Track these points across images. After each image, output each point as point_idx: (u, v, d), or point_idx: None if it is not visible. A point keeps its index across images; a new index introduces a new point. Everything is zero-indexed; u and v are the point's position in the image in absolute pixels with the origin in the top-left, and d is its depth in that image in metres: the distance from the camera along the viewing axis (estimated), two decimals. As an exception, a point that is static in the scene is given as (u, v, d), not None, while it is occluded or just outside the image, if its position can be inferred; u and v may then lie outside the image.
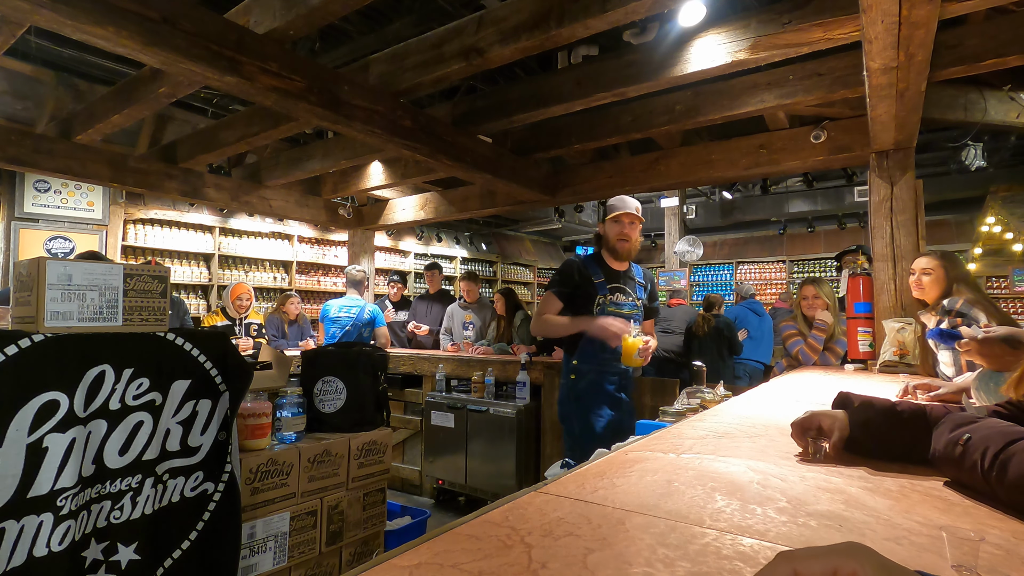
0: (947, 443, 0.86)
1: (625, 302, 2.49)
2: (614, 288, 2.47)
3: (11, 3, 1.90)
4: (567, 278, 2.48)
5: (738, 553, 0.61)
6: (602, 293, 2.43)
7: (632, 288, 2.54)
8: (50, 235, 5.30)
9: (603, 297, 2.43)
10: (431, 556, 0.60)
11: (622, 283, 2.51)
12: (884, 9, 1.70)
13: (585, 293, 2.43)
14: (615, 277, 2.51)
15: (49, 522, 1.26)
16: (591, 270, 2.48)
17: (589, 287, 2.44)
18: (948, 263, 2.37)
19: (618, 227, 2.48)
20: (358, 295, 4.76)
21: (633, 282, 2.57)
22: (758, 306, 5.46)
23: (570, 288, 2.45)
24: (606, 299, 2.43)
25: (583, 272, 2.48)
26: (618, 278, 2.51)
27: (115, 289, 1.46)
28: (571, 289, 2.45)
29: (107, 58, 4.34)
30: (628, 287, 2.52)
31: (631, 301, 2.51)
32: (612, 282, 2.48)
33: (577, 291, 2.44)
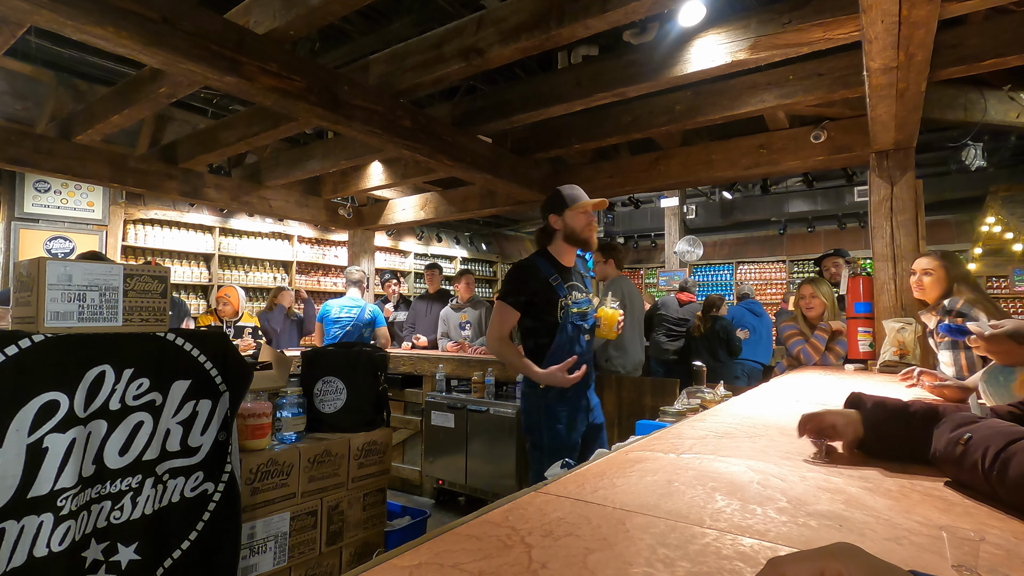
0: (948, 442, 0.86)
1: (582, 299, 2.33)
2: (571, 287, 2.30)
3: (11, 3, 1.90)
4: (522, 285, 2.26)
5: (738, 553, 0.61)
6: (563, 295, 2.24)
7: (583, 282, 2.39)
8: (50, 235, 5.30)
9: (564, 299, 2.24)
10: (431, 556, 0.60)
11: (575, 279, 2.34)
12: (884, 9, 1.70)
13: (546, 299, 2.23)
14: (568, 275, 2.32)
15: (49, 522, 1.26)
16: (546, 271, 2.27)
17: (549, 291, 2.24)
18: (949, 263, 2.37)
19: (585, 217, 2.30)
20: (359, 295, 4.76)
21: (582, 276, 2.41)
22: (757, 306, 5.46)
23: (527, 296, 2.24)
24: (568, 300, 2.25)
25: (538, 275, 2.26)
26: (571, 275, 2.33)
27: (115, 289, 1.46)
28: (528, 296, 2.24)
29: (107, 58, 4.34)
30: (579, 282, 2.37)
31: (585, 297, 2.35)
32: (567, 280, 2.30)
33: (536, 297, 2.24)
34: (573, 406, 2.28)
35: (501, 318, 2.27)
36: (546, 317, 2.24)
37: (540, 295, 2.23)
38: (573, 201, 2.28)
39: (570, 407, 2.27)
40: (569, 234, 2.30)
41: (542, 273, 2.26)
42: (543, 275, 2.25)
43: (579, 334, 2.28)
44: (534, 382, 2.27)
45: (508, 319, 2.26)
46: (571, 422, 2.27)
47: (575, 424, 2.28)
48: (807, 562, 0.37)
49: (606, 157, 4.80)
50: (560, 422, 2.26)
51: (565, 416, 2.26)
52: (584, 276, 2.45)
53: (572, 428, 2.27)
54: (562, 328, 2.23)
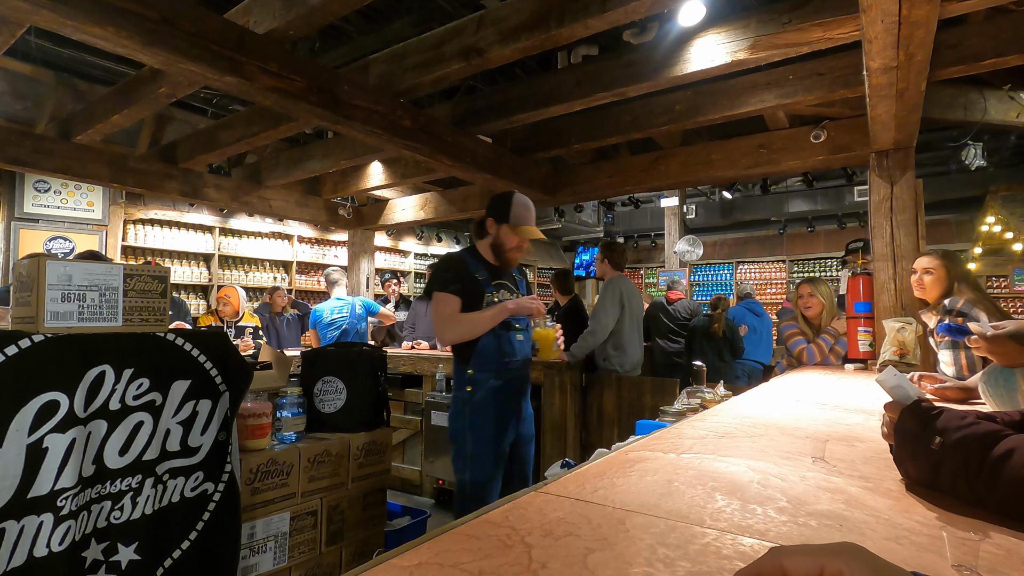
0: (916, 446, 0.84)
1: (508, 298, 2.23)
2: (499, 285, 2.21)
3: (11, 3, 1.90)
4: (458, 275, 2.17)
5: (738, 553, 0.61)
6: (488, 291, 2.16)
7: (514, 284, 2.31)
8: (50, 235, 5.30)
9: (490, 295, 2.16)
10: (431, 556, 0.60)
11: (504, 279, 2.26)
12: (884, 9, 1.70)
13: (473, 294, 2.15)
14: (497, 273, 2.24)
15: (49, 522, 1.26)
16: (473, 267, 2.19)
17: (475, 286, 2.16)
18: (950, 262, 2.37)
19: (518, 240, 2.22)
20: (344, 293, 4.75)
21: (513, 278, 2.33)
22: (757, 306, 5.46)
23: (462, 284, 2.15)
24: (494, 297, 2.17)
25: (465, 269, 2.19)
26: (500, 274, 2.25)
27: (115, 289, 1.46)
28: (463, 285, 2.15)
29: (107, 58, 4.34)
30: (511, 283, 2.29)
31: (515, 297, 2.26)
32: (496, 278, 2.22)
33: (465, 288, 2.16)
34: (503, 412, 2.14)
35: (444, 307, 2.13)
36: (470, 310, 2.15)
37: (468, 287, 2.14)
38: (516, 222, 2.19)
39: (499, 412, 2.13)
40: (496, 245, 2.22)
41: (469, 268, 2.18)
42: (471, 269, 2.18)
43: (509, 333, 2.16)
44: (461, 384, 2.15)
45: (452, 306, 2.13)
46: (500, 429, 2.13)
47: (504, 432, 2.14)
48: (809, 556, 0.37)
49: (606, 157, 4.79)
50: (487, 428, 2.11)
51: (493, 421, 2.12)
52: (516, 278, 2.36)
53: (501, 436, 2.12)
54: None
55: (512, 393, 2.17)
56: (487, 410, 2.11)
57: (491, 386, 2.12)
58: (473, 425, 2.11)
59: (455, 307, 2.13)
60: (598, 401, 3.92)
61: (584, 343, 3.75)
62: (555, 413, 3.77)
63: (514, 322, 2.18)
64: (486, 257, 2.25)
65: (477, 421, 2.11)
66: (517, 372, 2.20)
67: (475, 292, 2.14)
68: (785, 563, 0.37)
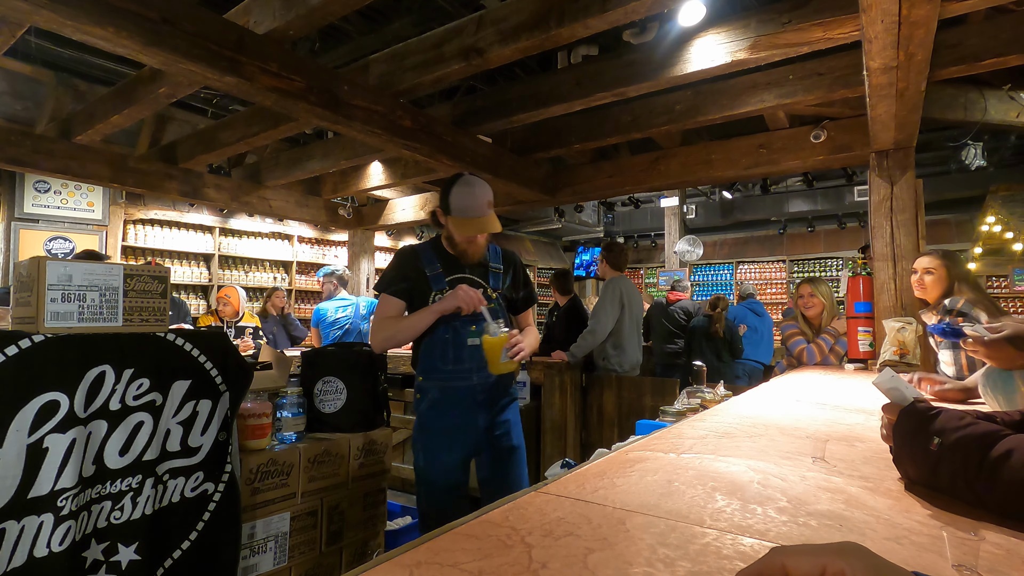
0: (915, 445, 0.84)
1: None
2: (457, 280, 1.89)
3: (11, 3, 1.90)
4: (402, 273, 1.91)
5: (738, 553, 0.61)
6: (438, 287, 1.88)
7: (485, 277, 1.96)
8: (50, 235, 5.30)
9: (438, 293, 1.87)
10: (431, 556, 0.60)
11: (470, 273, 1.93)
12: (884, 8, 1.70)
13: (419, 291, 1.89)
14: (458, 266, 1.92)
15: (49, 522, 1.26)
16: (425, 260, 1.91)
17: (422, 283, 1.88)
18: (950, 262, 2.37)
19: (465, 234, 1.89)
20: (346, 293, 4.75)
21: (486, 270, 1.97)
22: (759, 306, 5.46)
23: (407, 284, 1.90)
24: (443, 293, 1.86)
25: (415, 263, 1.91)
26: (462, 267, 1.93)
27: (115, 289, 1.46)
28: (409, 285, 1.90)
29: (107, 58, 4.34)
30: (479, 276, 1.94)
31: (482, 294, 1.88)
32: (454, 272, 1.91)
33: (412, 287, 1.90)
34: (451, 425, 1.86)
35: (380, 310, 1.93)
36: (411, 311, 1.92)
37: (415, 286, 1.89)
38: (459, 213, 1.85)
39: (445, 425, 1.86)
40: (448, 237, 1.93)
41: (421, 262, 1.91)
42: (421, 264, 1.91)
43: (460, 336, 1.84)
44: (415, 392, 1.95)
45: (387, 309, 1.90)
46: (448, 444, 1.85)
47: (453, 443, 1.86)
48: (810, 556, 0.37)
49: (606, 157, 4.79)
50: (433, 443, 1.86)
51: (439, 435, 1.85)
52: (492, 270, 1.98)
53: (449, 448, 1.85)
54: (431, 327, 1.85)
55: (466, 405, 1.86)
56: (433, 422, 1.87)
57: (435, 397, 1.87)
58: (421, 439, 1.89)
59: (392, 310, 1.90)
60: (598, 401, 3.92)
61: (584, 343, 3.75)
62: (555, 413, 3.77)
63: (469, 323, 1.84)
64: (447, 247, 1.94)
65: (424, 434, 1.88)
66: (471, 381, 1.86)
67: (421, 291, 1.89)
68: (787, 563, 0.37)
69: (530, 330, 2.05)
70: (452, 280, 1.88)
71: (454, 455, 1.86)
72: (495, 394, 1.91)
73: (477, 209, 1.84)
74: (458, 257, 1.92)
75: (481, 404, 1.88)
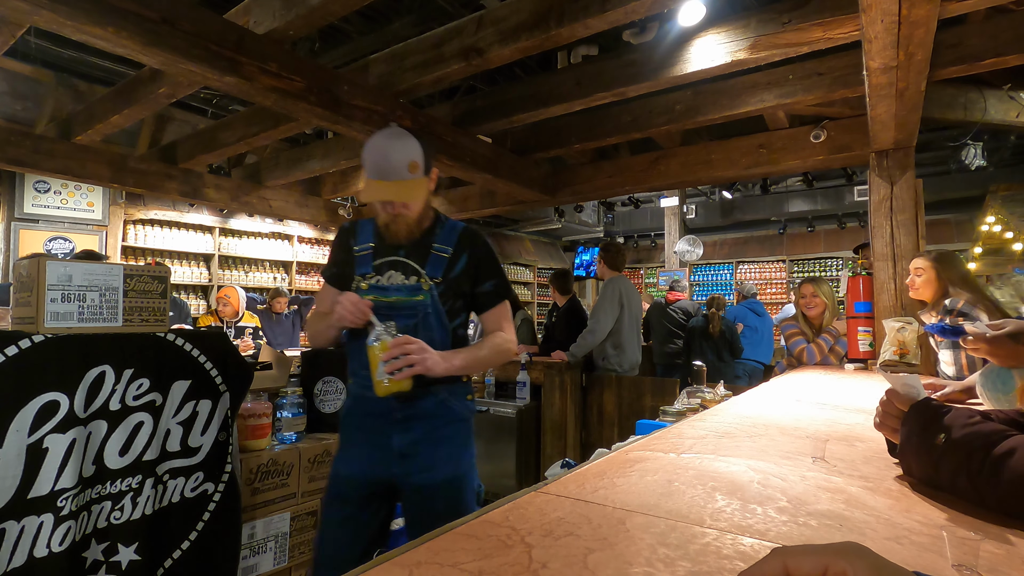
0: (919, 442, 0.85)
1: (397, 284, 1.49)
2: (387, 264, 1.50)
3: (11, 3, 1.90)
4: (334, 253, 1.62)
5: (738, 553, 0.61)
6: (362, 271, 1.51)
7: (422, 261, 1.50)
8: (50, 236, 5.30)
9: (361, 277, 1.51)
10: (431, 556, 0.60)
11: (405, 255, 1.51)
12: (884, 8, 1.70)
13: (346, 276, 1.56)
14: (391, 247, 1.52)
15: (49, 523, 1.26)
16: (361, 237, 1.56)
17: (348, 264, 1.55)
18: (940, 264, 2.36)
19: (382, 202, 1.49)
20: None
21: (426, 252, 1.51)
22: (759, 306, 5.46)
23: (338, 268, 1.59)
24: (366, 280, 1.50)
25: (347, 242, 1.58)
26: (396, 249, 1.51)
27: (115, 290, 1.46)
28: (339, 269, 1.59)
29: (107, 58, 4.34)
30: (415, 261, 1.50)
31: (412, 283, 1.48)
32: (385, 255, 1.51)
33: (342, 272, 1.57)
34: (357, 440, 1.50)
35: (318, 299, 1.66)
36: None
37: (344, 270, 1.57)
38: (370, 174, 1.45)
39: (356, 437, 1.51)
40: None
41: (353, 240, 1.57)
42: (351, 243, 1.57)
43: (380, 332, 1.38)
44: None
45: (322, 302, 1.61)
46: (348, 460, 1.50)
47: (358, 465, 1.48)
48: (812, 557, 0.37)
49: (606, 157, 4.79)
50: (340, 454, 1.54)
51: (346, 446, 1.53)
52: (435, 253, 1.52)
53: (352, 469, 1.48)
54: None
55: (380, 421, 1.46)
56: (344, 435, 1.54)
57: (347, 405, 1.55)
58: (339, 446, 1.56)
59: (324, 301, 1.58)
60: (598, 401, 3.92)
61: (583, 342, 3.76)
62: (555, 413, 3.77)
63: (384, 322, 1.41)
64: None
65: (340, 443, 1.56)
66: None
67: (345, 275, 1.56)
68: (788, 563, 0.37)
69: (488, 338, 1.56)
70: (381, 264, 1.51)
71: (359, 479, 1.47)
72: (420, 412, 1.47)
73: (381, 167, 1.42)
74: (385, 235, 1.52)
75: (398, 423, 1.45)
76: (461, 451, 1.51)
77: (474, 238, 1.57)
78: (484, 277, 1.56)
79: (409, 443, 1.45)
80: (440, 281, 1.49)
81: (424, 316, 1.47)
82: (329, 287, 1.59)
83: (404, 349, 1.35)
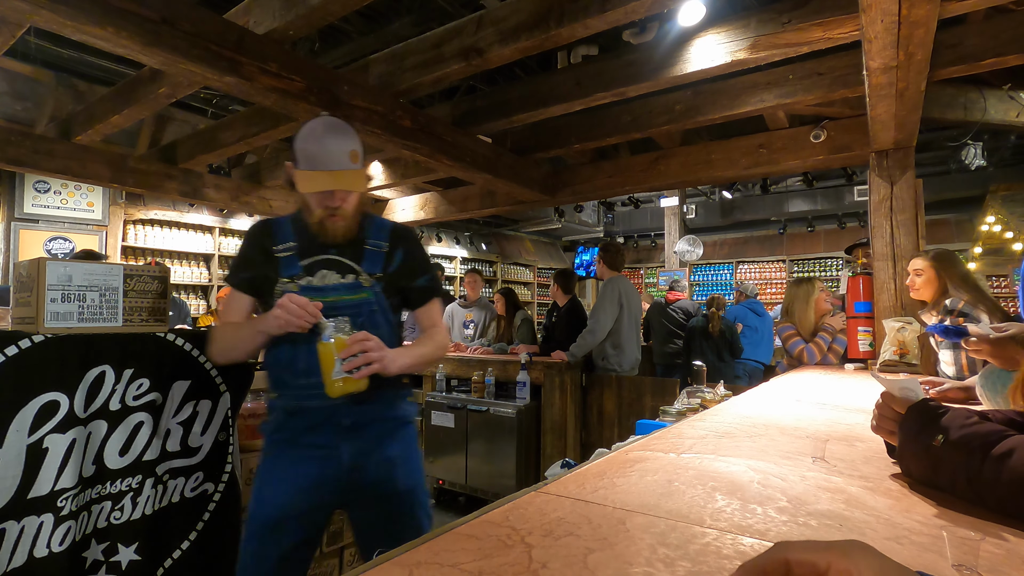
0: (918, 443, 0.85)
1: (333, 283, 1.39)
2: (318, 263, 1.40)
3: (11, 3, 1.90)
4: (245, 257, 1.44)
5: (738, 553, 0.61)
6: (289, 273, 1.37)
7: (358, 258, 1.43)
8: (50, 236, 5.30)
9: (289, 279, 1.37)
10: (431, 556, 0.60)
11: (337, 254, 1.41)
12: (884, 8, 1.70)
13: (264, 277, 1.39)
14: (318, 245, 1.41)
15: (49, 523, 1.26)
16: (280, 237, 1.41)
17: (268, 266, 1.39)
18: (939, 264, 2.36)
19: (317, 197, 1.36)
20: None
21: (360, 248, 1.44)
22: (759, 306, 5.46)
23: (251, 272, 1.41)
24: (295, 281, 1.37)
25: (262, 240, 1.41)
26: (326, 247, 1.41)
27: (115, 290, 1.46)
28: (253, 273, 1.41)
29: (107, 58, 4.34)
30: (349, 258, 1.42)
31: (350, 281, 1.40)
32: (314, 254, 1.40)
33: (255, 273, 1.41)
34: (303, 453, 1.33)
35: (225, 307, 1.45)
36: (266, 306, 1.39)
37: (261, 273, 1.39)
38: (306, 165, 1.33)
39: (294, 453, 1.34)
40: (303, 204, 1.41)
41: (269, 241, 1.41)
42: (268, 244, 1.40)
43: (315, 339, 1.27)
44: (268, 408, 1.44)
45: (230, 311, 1.43)
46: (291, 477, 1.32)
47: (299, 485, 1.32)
48: (816, 553, 0.36)
49: (606, 157, 4.80)
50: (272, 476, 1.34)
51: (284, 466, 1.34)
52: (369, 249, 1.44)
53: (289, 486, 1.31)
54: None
55: (325, 432, 1.34)
56: (277, 452, 1.36)
57: (281, 420, 1.37)
58: (259, 474, 1.36)
59: (234, 310, 1.42)
60: (598, 401, 3.92)
61: (583, 342, 3.76)
62: (555, 413, 3.77)
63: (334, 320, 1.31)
64: (308, 219, 1.41)
65: (263, 467, 1.36)
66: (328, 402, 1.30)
67: (266, 278, 1.39)
68: (791, 557, 0.37)
69: (430, 335, 1.51)
70: (311, 264, 1.39)
71: (300, 503, 1.31)
72: (370, 416, 1.37)
73: (329, 157, 1.32)
74: (318, 232, 1.40)
75: (347, 431, 1.34)
76: (413, 454, 1.45)
77: (407, 233, 1.54)
78: (419, 272, 1.51)
79: (359, 452, 1.35)
80: (381, 277, 1.43)
81: (370, 314, 1.39)
82: (240, 294, 1.42)
83: (364, 346, 1.27)
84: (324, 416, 1.34)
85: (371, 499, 1.37)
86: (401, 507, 1.38)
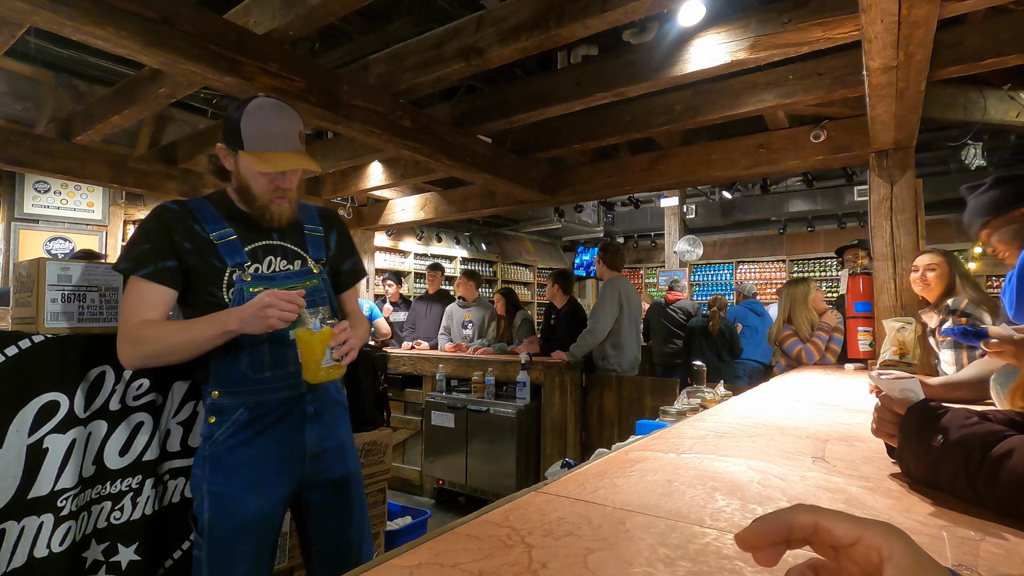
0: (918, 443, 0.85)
1: (283, 271, 1.34)
2: (263, 249, 1.33)
3: (11, 3, 1.90)
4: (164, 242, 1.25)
5: (738, 552, 0.61)
6: (235, 261, 1.28)
7: (302, 244, 1.39)
8: (50, 236, 5.30)
9: (238, 268, 1.28)
10: (431, 556, 0.60)
11: (280, 239, 1.36)
12: (883, 8, 1.70)
13: (203, 266, 1.26)
14: (259, 229, 1.34)
15: (49, 523, 1.26)
16: (206, 220, 1.29)
17: (207, 252, 1.27)
18: (951, 259, 2.37)
19: (267, 178, 1.29)
20: None
21: (300, 233, 1.40)
22: (759, 306, 5.46)
23: (177, 261, 1.25)
24: (244, 270, 1.28)
25: (188, 225, 1.27)
26: (268, 232, 1.34)
27: (115, 290, 1.46)
28: (179, 263, 1.25)
29: (107, 58, 4.34)
30: (294, 244, 1.38)
31: (298, 267, 1.37)
32: (256, 239, 1.32)
33: (184, 263, 1.25)
34: (269, 450, 1.28)
35: (129, 303, 1.23)
36: (203, 298, 1.27)
37: (194, 262, 1.26)
38: (256, 145, 1.26)
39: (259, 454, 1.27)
40: (242, 188, 1.31)
41: (196, 223, 1.28)
42: (200, 227, 1.27)
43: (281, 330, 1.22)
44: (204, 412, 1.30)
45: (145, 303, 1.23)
46: (255, 478, 1.26)
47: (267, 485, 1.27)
48: (847, 523, 0.36)
49: (606, 157, 4.79)
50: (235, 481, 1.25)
51: (248, 469, 1.26)
52: (309, 234, 1.41)
53: (262, 492, 1.26)
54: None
55: (290, 426, 1.31)
56: (238, 457, 1.26)
57: (242, 419, 1.27)
58: (215, 481, 1.25)
59: (149, 306, 1.23)
60: (598, 401, 3.92)
61: (583, 342, 3.76)
62: (555, 413, 3.77)
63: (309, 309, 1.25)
64: (239, 203, 1.34)
65: (219, 475, 1.25)
66: (298, 390, 1.31)
67: (205, 266, 1.26)
68: (821, 521, 0.36)
69: (357, 317, 1.50)
70: (254, 250, 1.31)
71: (267, 502, 1.26)
72: (325, 403, 1.37)
73: (284, 137, 1.27)
74: (257, 218, 1.31)
75: (311, 419, 1.33)
76: (350, 436, 1.47)
77: (333, 215, 1.52)
78: (348, 255, 1.51)
79: (317, 439, 1.35)
80: (325, 262, 1.42)
81: (323, 300, 1.36)
82: (156, 287, 1.23)
83: (348, 333, 1.26)
84: (288, 407, 1.31)
85: (327, 484, 1.37)
86: (351, 490, 1.41)
